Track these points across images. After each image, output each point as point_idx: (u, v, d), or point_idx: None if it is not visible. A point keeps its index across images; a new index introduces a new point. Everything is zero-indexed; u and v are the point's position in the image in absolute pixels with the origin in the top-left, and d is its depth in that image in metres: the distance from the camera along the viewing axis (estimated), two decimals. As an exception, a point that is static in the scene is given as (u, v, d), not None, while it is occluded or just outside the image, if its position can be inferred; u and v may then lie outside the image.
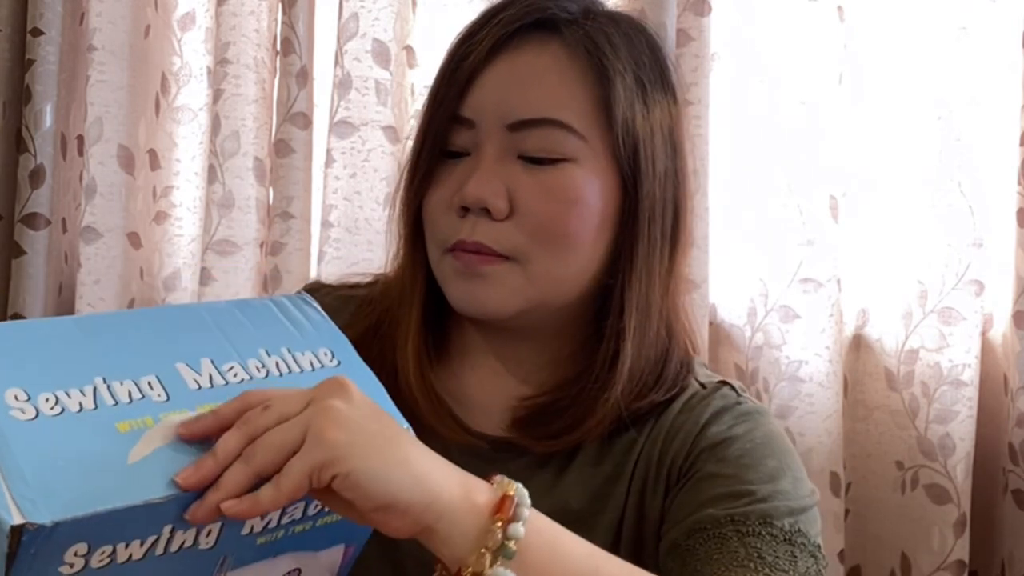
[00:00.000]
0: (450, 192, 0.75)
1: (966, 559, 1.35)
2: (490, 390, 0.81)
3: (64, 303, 1.54)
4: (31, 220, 1.46)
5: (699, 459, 0.75)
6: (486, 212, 0.73)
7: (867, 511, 1.44)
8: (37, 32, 1.47)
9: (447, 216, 0.75)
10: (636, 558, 0.76)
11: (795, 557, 0.69)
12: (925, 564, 1.37)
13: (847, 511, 1.42)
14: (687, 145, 0.80)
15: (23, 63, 1.48)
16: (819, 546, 0.72)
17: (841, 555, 1.38)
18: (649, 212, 0.75)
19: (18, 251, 1.46)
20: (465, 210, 0.73)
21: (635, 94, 0.74)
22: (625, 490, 0.78)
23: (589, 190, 0.73)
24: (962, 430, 1.35)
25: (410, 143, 0.85)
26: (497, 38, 0.73)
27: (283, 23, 1.48)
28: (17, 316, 1.45)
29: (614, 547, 0.77)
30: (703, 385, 0.81)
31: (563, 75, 0.73)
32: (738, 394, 0.80)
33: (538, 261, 0.74)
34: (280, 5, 1.48)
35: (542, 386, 0.80)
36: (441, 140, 0.75)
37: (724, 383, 0.81)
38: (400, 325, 0.79)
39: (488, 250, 0.73)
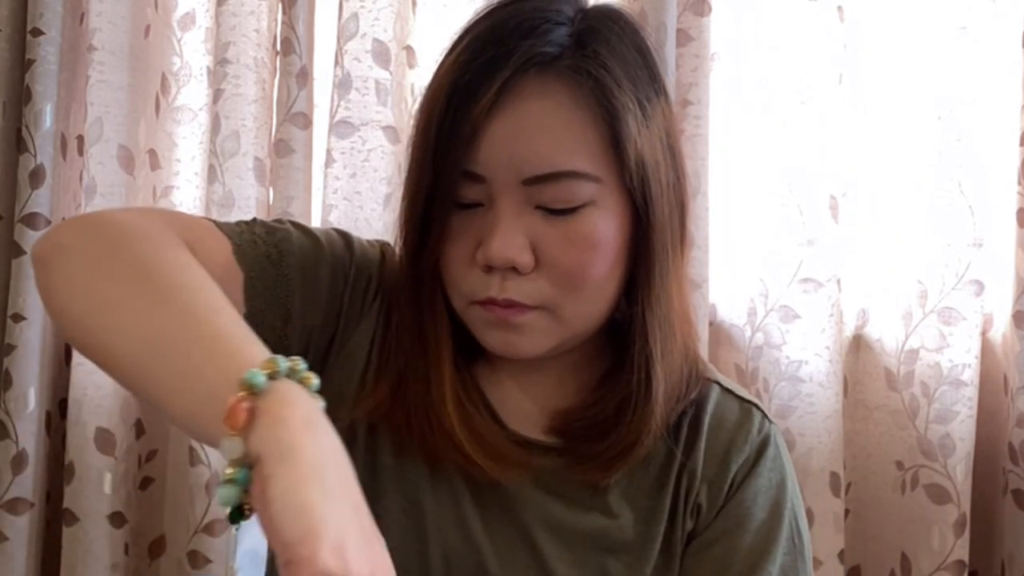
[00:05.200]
0: (470, 247, 0.73)
1: (966, 559, 1.35)
2: (524, 400, 0.82)
3: (64, 303, 1.53)
4: (31, 220, 1.46)
5: (733, 510, 0.79)
6: (512, 268, 0.72)
7: (867, 511, 1.44)
8: (37, 32, 1.46)
9: (470, 271, 0.74)
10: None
11: None
12: (925, 564, 1.37)
13: (847, 511, 1.42)
14: (679, 139, 0.79)
15: (23, 63, 1.48)
16: None
17: (841, 555, 1.38)
18: (660, 231, 0.75)
19: (18, 251, 1.46)
20: (490, 266, 0.73)
21: (640, 121, 0.72)
22: (669, 503, 0.79)
23: (608, 230, 0.73)
24: (962, 430, 1.35)
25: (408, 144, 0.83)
26: (498, 91, 0.70)
27: (283, 23, 1.48)
28: (17, 316, 1.45)
29: (668, 560, 0.79)
30: (729, 392, 0.83)
31: (569, 120, 0.71)
32: (769, 421, 0.82)
33: (567, 306, 0.74)
34: (280, 5, 1.48)
35: (576, 398, 0.81)
36: (452, 194, 0.73)
37: (752, 404, 0.82)
38: (432, 382, 0.77)
39: (520, 304, 0.73)
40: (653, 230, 0.74)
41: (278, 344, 0.76)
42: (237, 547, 0.94)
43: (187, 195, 1.59)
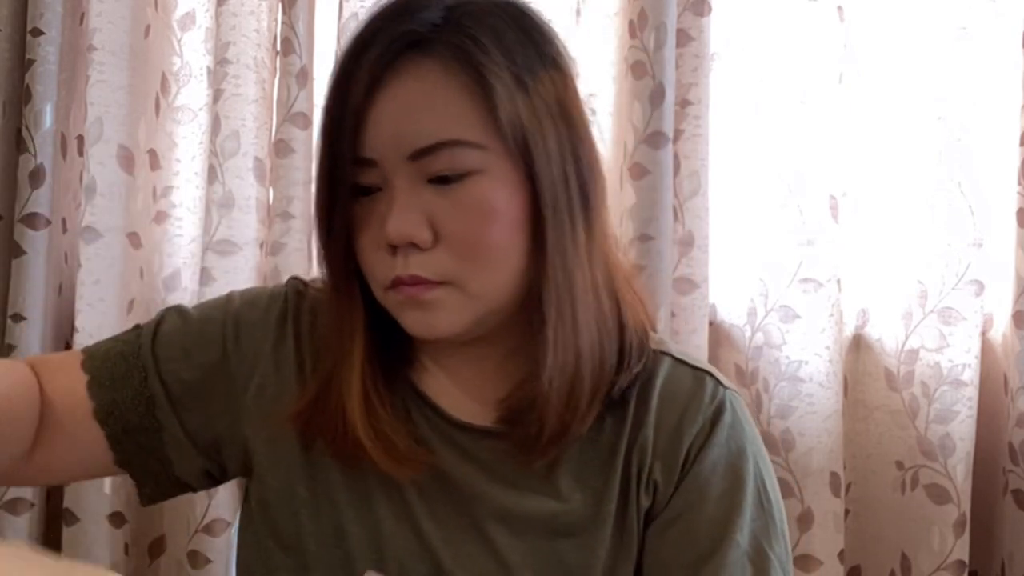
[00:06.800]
0: (375, 231, 0.76)
1: (966, 559, 1.35)
2: (467, 390, 0.83)
3: (64, 303, 1.54)
4: (31, 220, 1.46)
5: (692, 486, 0.78)
6: (413, 245, 0.74)
7: (867, 511, 1.44)
8: (37, 32, 1.46)
9: (378, 255, 0.76)
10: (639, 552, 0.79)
11: None
12: (925, 564, 1.37)
13: (847, 511, 1.42)
14: (580, 106, 0.80)
15: (23, 63, 1.48)
16: None
17: (841, 555, 1.38)
18: (551, 197, 0.76)
19: (18, 251, 1.46)
20: (394, 247, 0.75)
21: (514, 88, 0.74)
22: (619, 484, 0.79)
23: (500, 196, 0.74)
24: (962, 430, 1.35)
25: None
26: (373, 74, 0.74)
27: (283, 23, 1.48)
28: (17, 316, 1.45)
29: (620, 540, 0.78)
30: (681, 362, 0.82)
31: (445, 94, 0.74)
32: (723, 387, 0.81)
33: (472, 279, 0.75)
34: (280, 5, 1.48)
35: (510, 381, 0.80)
36: (348, 181, 0.76)
37: (706, 372, 0.81)
38: (344, 379, 0.79)
39: (424, 280, 0.75)
40: (542, 197, 0.75)
41: (150, 424, 0.83)
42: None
43: (187, 195, 1.59)
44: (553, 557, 0.78)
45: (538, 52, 0.77)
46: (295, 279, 0.89)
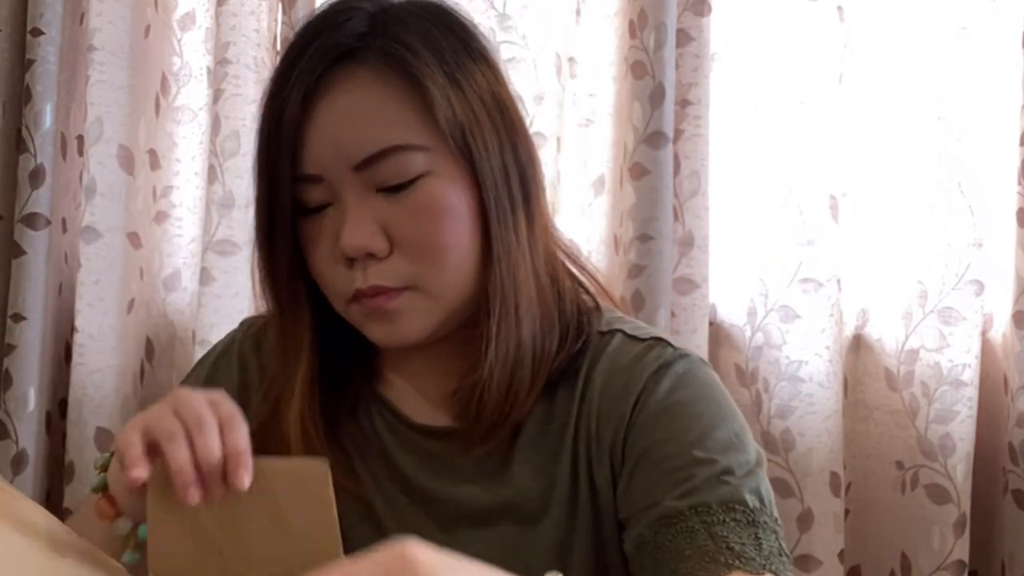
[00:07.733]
0: (330, 248, 0.76)
1: (966, 559, 1.35)
2: (423, 390, 0.83)
3: (64, 303, 1.54)
4: (31, 220, 1.46)
5: (643, 432, 0.76)
6: (370, 255, 0.74)
7: (867, 511, 1.44)
8: (37, 32, 1.47)
9: (336, 270, 0.76)
10: (595, 530, 0.78)
11: (759, 539, 0.71)
12: (925, 564, 1.37)
13: (847, 511, 1.42)
14: (511, 96, 0.81)
15: (23, 63, 1.48)
16: (776, 519, 0.74)
17: (841, 555, 1.38)
18: (494, 190, 0.76)
19: (18, 251, 1.46)
20: (351, 259, 0.75)
21: (448, 86, 0.75)
22: (569, 464, 0.79)
23: (450, 196, 0.75)
24: (962, 430, 1.35)
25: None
26: (306, 89, 0.74)
27: (283, 23, 1.48)
28: (17, 316, 1.45)
29: (571, 521, 0.78)
30: (632, 337, 0.81)
31: (382, 100, 0.74)
32: (673, 348, 0.80)
33: (432, 281, 0.75)
34: (280, 5, 1.48)
35: (459, 376, 0.80)
36: (295, 200, 0.76)
37: (657, 339, 0.80)
38: (290, 398, 0.80)
39: (385, 289, 0.75)
40: (484, 192, 0.76)
41: None
42: None
43: (187, 195, 1.59)
44: (517, 544, 0.78)
45: (466, 48, 0.78)
46: (249, 319, 0.91)
